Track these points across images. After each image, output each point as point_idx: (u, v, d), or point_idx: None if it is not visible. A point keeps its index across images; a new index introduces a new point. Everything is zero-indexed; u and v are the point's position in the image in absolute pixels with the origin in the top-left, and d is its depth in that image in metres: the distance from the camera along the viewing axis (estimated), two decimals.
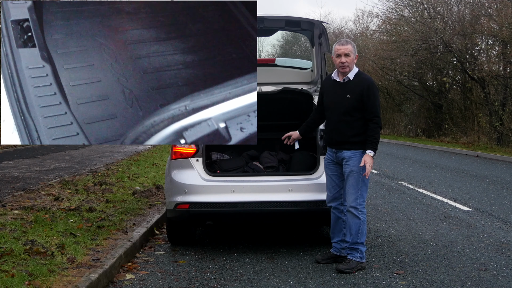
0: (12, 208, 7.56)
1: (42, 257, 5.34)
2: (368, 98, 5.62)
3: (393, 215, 8.60)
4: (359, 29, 42.31)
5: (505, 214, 8.65)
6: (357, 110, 5.65)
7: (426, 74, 31.26)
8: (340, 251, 5.88)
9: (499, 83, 24.30)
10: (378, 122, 5.63)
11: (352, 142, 5.66)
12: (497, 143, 22.77)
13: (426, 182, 12.42)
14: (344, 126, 5.70)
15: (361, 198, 5.66)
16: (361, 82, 5.67)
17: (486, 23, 24.08)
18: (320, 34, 6.76)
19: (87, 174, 11.59)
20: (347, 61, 5.64)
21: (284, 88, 7.07)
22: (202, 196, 6.10)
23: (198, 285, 5.25)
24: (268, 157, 6.96)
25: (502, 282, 5.31)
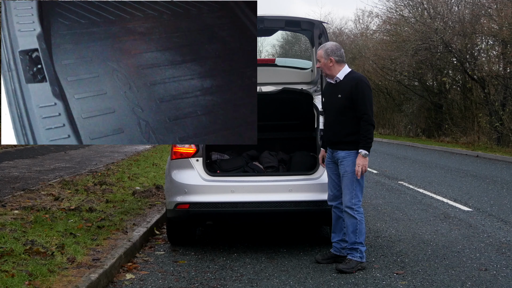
0: (12, 208, 7.56)
1: (42, 257, 5.34)
2: (356, 95, 5.63)
3: (393, 215, 8.60)
4: (359, 29, 42.32)
5: (505, 214, 8.65)
6: (349, 110, 5.67)
7: (426, 74, 31.27)
8: (340, 251, 5.88)
9: (499, 83, 24.30)
10: (367, 119, 5.60)
11: (346, 142, 5.68)
12: (497, 143, 22.77)
13: (426, 182, 12.42)
14: (337, 126, 5.75)
15: (356, 198, 5.67)
16: (350, 80, 5.71)
17: (486, 23, 24.08)
18: (320, 34, 6.76)
19: (87, 174, 11.59)
20: (320, 66, 5.80)
21: (284, 88, 7.07)
22: (202, 196, 6.09)
23: (198, 285, 5.25)
24: (268, 157, 6.96)
25: (502, 282, 5.31)
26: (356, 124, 5.66)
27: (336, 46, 5.81)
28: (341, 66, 5.76)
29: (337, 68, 5.75)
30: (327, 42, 5.92)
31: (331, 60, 5.73)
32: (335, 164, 5.84)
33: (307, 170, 6.36)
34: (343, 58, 5.78)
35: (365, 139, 5.59)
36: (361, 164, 5.56)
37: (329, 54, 5.74)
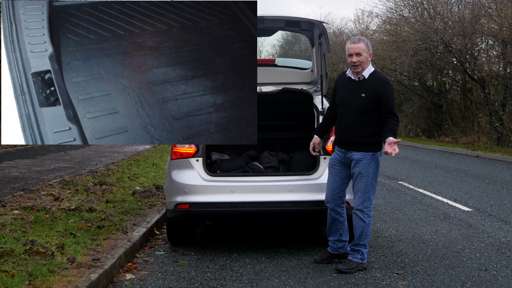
0: (12, 208, 7.56)
1: (42, 257, 5.34)
2: (385, 97, 5.48)
3: (393, 215, 8.60)
4: (359, 29, 42.27)
5: (505, 214, 8.65)
6: (370, 110, 5.51)
7: (426, 74, 31.26)
8: (337, 250, 5.87)
9: (499, 83, 24.30)
10: (397, 119, 5.50)
11: (362, 143, 5.54)
12: (497, 143, 22.77)
13: (426, 182, 12.42)
14: (356, 126, 5.57)
15: (368, 201, 5.61)
16: (377, 81, 5.54)
17: (486, 23, 24.07)
18: (320, 34, 6.76)
19: (87, 174, 11.59)
20: (358, 60, 5.50)
21: (284, 88, 7.07)
22: (202, 196, 6.09)
23: (198, 285, 5.25)
24: (268, 157, 6.96)
25: (502, 282, 5.31)
26: (375, 126, 5.52)
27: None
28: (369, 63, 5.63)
29: (367, 65, 5.58)
30: (360, 36, 5.68)
31: (370, 55, 5.56)
32: (343, 166, 5.70)
33: (307, 170, 6.36)
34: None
35: (393, 129, 5.37)
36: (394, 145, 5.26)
37: (370, 49, 5.57)
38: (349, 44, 5.59)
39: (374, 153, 5.57)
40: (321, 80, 6.92)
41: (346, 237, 5.90)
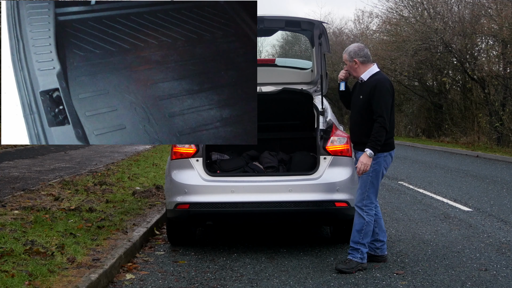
0: (12, 208, 7.56)
1: (42, 257, 5.34)
2: (373, 97, 5.63)
3: (393, 215, 8.60)
4: (359, 29, 42.27)
5: (505, 214, 8.65)
6: (368, 111, 5.68)
7: (426, 74, 31.26)
8: (374, 251, 5.90)
9: (499, 83, 24.29)
10: (381, 122, 5.57)
11: (363, 143, 5.67)
12: (497, 143, 22.77)
13: (426, 182, 12.42)
14: (357, 126, 5.81)
15: (368, 199, 5.68)
16: (371, 82, 5.71)
17: (486, 23, 24.07)
18: (320, 34, 6.76)
19: (87, 174, 11.59)
20: (347, 69, 5.88)
21: (284, 88, 7.07)
22: (202, 196, 6.10)
23: (198, 285, 5.25)
24: (268, 157, 6.95)
25: (502, 282, 5.31)
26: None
27: (359, 47, 5.81)
28: (366, 66, 5.77)
29: (362, 69, 5.78)
30: (350, 45, 5.91)
31: (355, 62, 5.76)
32: None
33: (307, 170, 6.36)
34: (368, 58, 5.77)
35: (375, 140, 5.55)
36: (364, 162, 5.55)
37: (353, 57, 5.77)
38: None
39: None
40: (321, 80, 6.93)
41: (384, 237, 5.94)
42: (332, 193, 6.07)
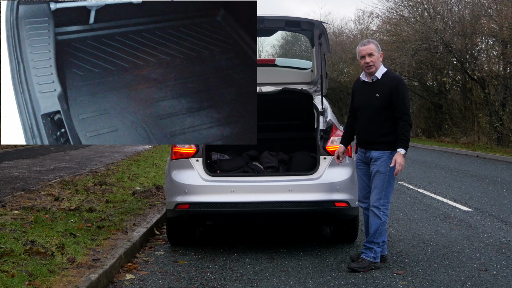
0: (12, 208, 7.56)
1: (42, 257, 5.34)
2: (397, 95, 5.58)
3: (393, 215, 8.60)
4: (359, 29, 42.28)
5: (505, 214, 8.65)
6: (386, 110, 5.62)
7: (426, 74, 31.27)
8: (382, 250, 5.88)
9: (499, 83, 24.30)
10: (407, 119, 5.58)
11: (380, 142, 5.64)
12: (497, 143, 22.78)
13: (426, 182, 12.42)
14: (373, 125, 5.69)
15: (385, 199, 5.66)
16: (390, 80, 5.65)
17: (486, 23, 24.08)
18: (320, 34, 6.76)
19: (87, 174, 11.59)
20: (371, 60, 5.62)
21: (284, 88, 7.07)
22: (202, 196, 6.09)
23: (198, 285, 5.25)
24: (268, 157, 6.95)
25: (502, 282, 5.31)
26: (391, 125, 5.63)
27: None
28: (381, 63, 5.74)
29: (379, 65, 5.71)
30: (366, 39, 5.82)
31: (381, 55, 5.69)
32: (366, 165, 5.82)
33: (307, 170, 6.35)
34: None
35: (405, 139, 5.53)
36: (401, 162, 5.50)
37: (380, 49, 5.68)
38: (359, 47, 5.73)
39: (392, 152, 5.62)
40: (321, 80, 6.92)
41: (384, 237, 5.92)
42: (332, 193, 6.07)
